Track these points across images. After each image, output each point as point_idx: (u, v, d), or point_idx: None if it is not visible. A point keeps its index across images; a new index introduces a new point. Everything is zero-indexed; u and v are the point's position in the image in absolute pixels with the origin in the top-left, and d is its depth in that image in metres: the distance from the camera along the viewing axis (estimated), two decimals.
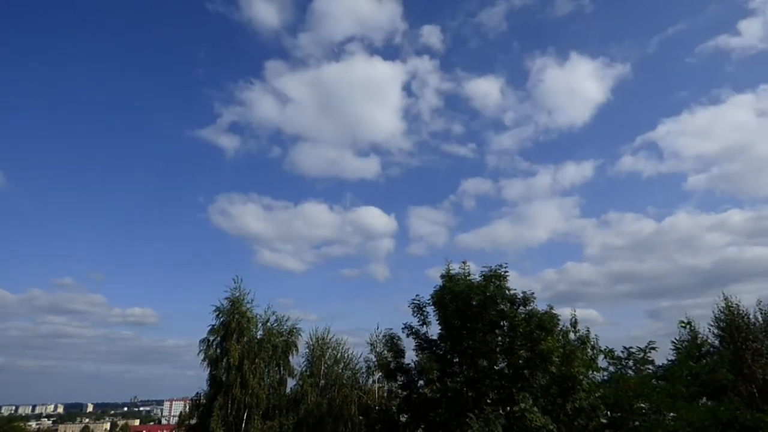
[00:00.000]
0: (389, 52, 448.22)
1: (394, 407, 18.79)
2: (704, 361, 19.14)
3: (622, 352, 17.54)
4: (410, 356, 18.15)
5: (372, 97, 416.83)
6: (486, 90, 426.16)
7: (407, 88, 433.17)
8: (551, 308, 16.34)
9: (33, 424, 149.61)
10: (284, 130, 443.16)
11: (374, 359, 22.69)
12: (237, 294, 24.85)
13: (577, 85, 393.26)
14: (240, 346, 23.58)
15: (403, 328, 18.00)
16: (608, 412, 15.67)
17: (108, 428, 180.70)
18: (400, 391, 18.59)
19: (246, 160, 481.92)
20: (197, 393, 24.45)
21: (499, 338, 16.05)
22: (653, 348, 16.66)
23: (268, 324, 25.60)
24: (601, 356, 18.99)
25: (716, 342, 23.48)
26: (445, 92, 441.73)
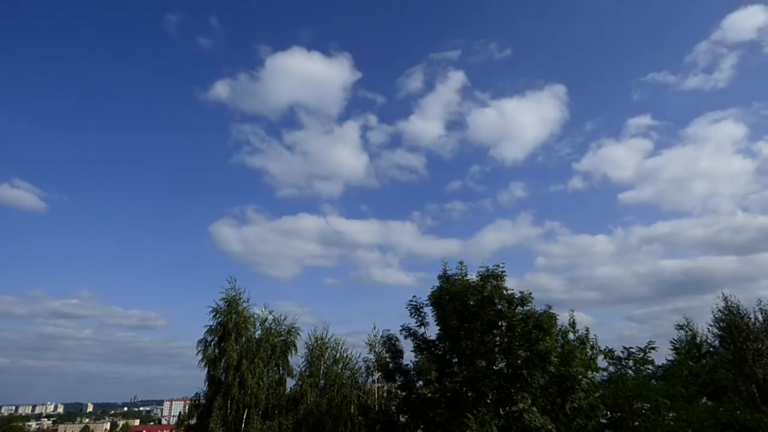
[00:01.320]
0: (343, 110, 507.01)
1: (393, 407, 18.75)
2: (704, 361, 19.08)
3: (622, 352, 17.53)
4: (409, 357, 18.12)
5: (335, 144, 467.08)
6: (424, 130, 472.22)
7: (363, 136, 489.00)
8: (549, 308, 16.28)
9: (33, 424, 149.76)
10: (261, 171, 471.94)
11: (373, 359, 22.64)
12: (233, 294, 24.79)
13: (506, 122, 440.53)
14: (238, 346, 23.51)
15: (401, 330, 17.94)
16: (607, 412, 15.61)
17: (108, 428, 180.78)
18: (399, 391, 18.54)
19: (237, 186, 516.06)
20: (197, 393, 24.37)
21: (498, 338, 15.97)
22: (653, 348, 16.64)
23: (267, 324, 25.52)
24: (601, 356, 18.99)
25: (716, 342, 23.43)
26: (391, 134, 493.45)
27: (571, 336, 20.15)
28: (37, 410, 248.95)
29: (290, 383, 25.79)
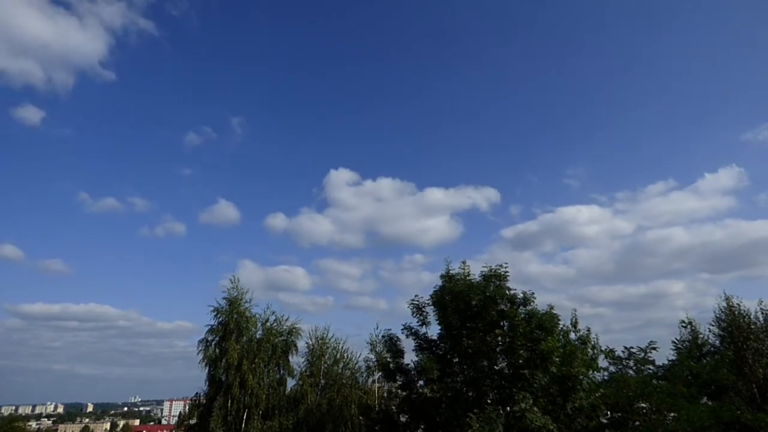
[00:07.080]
0: None
1: (394, 407, 18.73)
2: (705, 361, 19.07)
3: (623, 352, 17.55)
4: (410, 357, 18.11)
5: None
6: None
7: None
8: (551, 308, 16.26)
9: (33, 424, 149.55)
10: None
11: (374, 359, 22.64)
12: (235, 294, 24.77)
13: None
14: (239, 346, 23.48)
15: (402, 329, 17.93)
16: (609, 412, 15.61)
17: (108, 428, 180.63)
18: (399, 391, 18.53)
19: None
20: (197, 393, 24.34)
21: (499, 338, 15.94)
22: (654, 348, 16.66)
23: (268, 324, 25.50)
24: (602, 356, 18.98)
25: (717, 342, 23.42)
26: None
27: (572, 336, 20.13)
28: (37, 410, 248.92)
29: (291, 383, 25.82)
